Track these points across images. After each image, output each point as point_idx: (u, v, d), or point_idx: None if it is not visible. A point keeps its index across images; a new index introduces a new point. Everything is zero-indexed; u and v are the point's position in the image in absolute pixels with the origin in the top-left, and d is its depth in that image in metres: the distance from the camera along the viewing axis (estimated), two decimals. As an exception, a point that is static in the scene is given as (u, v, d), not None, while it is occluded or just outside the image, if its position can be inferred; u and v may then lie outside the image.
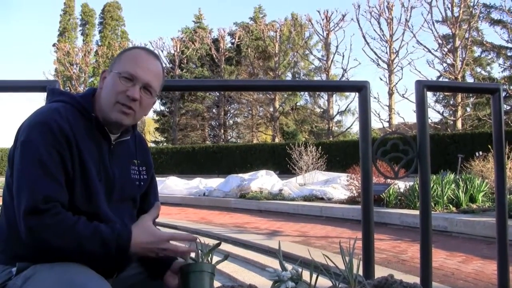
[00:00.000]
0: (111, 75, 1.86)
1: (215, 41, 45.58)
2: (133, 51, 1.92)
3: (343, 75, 36.18)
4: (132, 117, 1.89)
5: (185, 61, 46.01)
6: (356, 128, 41.63)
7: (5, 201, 1.84)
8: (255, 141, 43.92)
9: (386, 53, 34.90)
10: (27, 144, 1.71)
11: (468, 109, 34.23)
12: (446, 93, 32.73)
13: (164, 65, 2.00)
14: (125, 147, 1.97)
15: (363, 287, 1.82)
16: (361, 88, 2.68)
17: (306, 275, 1.74)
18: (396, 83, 34.43)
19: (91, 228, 1.72)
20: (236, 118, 49.44)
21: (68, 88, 45.72)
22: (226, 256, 1.96)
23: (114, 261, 1.76)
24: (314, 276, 1.74)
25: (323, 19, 37.83)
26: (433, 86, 3.20)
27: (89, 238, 1.70)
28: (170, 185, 18.08)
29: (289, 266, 1.77)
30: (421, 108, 2.72)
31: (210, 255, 1.90)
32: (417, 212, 8.46)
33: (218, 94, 45.01)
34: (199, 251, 1.88)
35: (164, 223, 10.16)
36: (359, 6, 35.34)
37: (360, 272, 1.88)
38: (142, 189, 2.04)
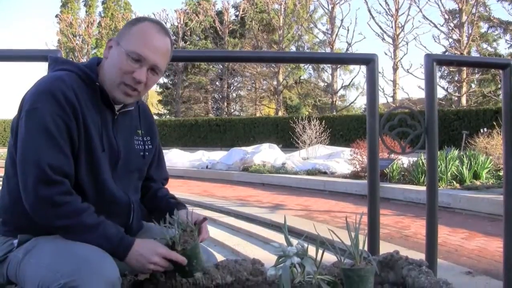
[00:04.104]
0: (118, 50, 1.79)
1: (219, 14, 45.20)
2: (143, 26, 1.82)
3: (347, 49, 35.86)
4: (136, 97, 1.88)
5: (189, 34, 45.71)
6: (359, 103, 41.53)
7: (7, 172, 1.81)
8: (258, 115, 43.82)
9: (392, 27, 34.53)
10: (32, 113, 1.67)
11: (473, 85, 34.00)
12: (451, 69, 32.52)
13: (172, 39, 1.94)
14: (129, 117, 1.94)
15: (369, 263, 1.79)
16: (369, 61, 2.63)
17: (310, 249, 1.71)
18: (401, 58, 34.13)
19: (97, 221, 1.72)
20: (239, 91, 49.29)
21: (71, 59, 45.48)
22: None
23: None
24: (320, 251, 1.71)
25: (328, -8, 37.44)
26: (443, 60, 3.14)
27: (92, 230, 1.70)
28: (172, 157, 18.08)
29: (294, 241, 1.74)
30: (430, 82, 2.67)
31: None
32: (420, 187, 8.46)
33: (221, 66, 44.81)
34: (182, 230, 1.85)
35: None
36: (365, -21, 34.88)
37: (365, 248, 1.85)
38: (148, 160, 2.02)
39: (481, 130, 13.80)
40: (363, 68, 2.65)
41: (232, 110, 48.79)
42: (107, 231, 1.72)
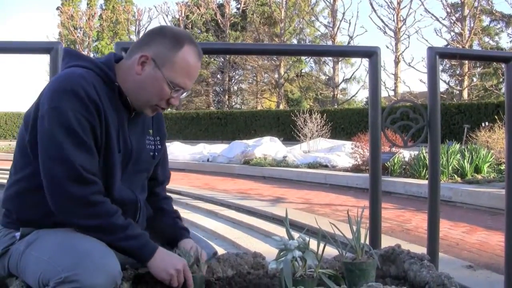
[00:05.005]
0: (155, 73, 1.76)
1: (220, 6, 45.06)
2: (186, 54, 1.78)
3: (349, 43, 35.72)
4: None
5: (190, 26, 45.57)
6: (361, 96, 41.46)
7: (16, 164, 1.81)
8: (259, 108, 43.75)
9: (393, 20, 34.37)
10: (55, 112, 1.63)
11: (475, 79, 33.91)
12: (453, 63, 32.43)
13: None
14: (142, 117, 1.92)
15: (370, 256, 1.79)
16: (372, 54, 2.62)
17: (311, 243, 1.70)
18: (403, 52, 34.04)
19: (126, 222, 1.74)
20: (240, 84, 49.19)
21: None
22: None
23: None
24: (321, 245, 1.71)
25: (330, -15, 37.28)
26: (446, 53, 3.13)
27: (122, 230, 1.71)
28: (173, 150, 18.07)
29: (295, 235, 1.74)
30: (433, 75, 2.66)
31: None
32: (421, 181, 8.46)
33: (222, 59, 44.73)
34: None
35: (168, 188, 10.13)
36: (367, -28, 34.73)
37: (367, 241, 1.85)
38: (157, 160, 2.02)
39: (483, 124, 13.79)
40: (365, 61, 2.65)
41: (233, 103, 48.72)
42: (135, 231, 1.75)
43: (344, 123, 26.01)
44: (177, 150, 18.16)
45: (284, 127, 26.42)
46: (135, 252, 1.73)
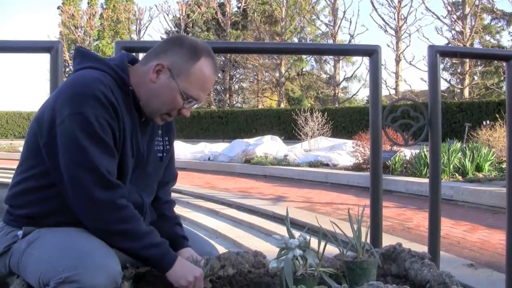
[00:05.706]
0: (170, 83, 1.76)
1: (221, 5, 45.03)
2: (202, 66, 1.78)
3: (350, 41, 35.71)
4: None
5: (191, 25, 45.56)
6: (362, 95, 41.43)
7: (23, 164, 1.80)
8: (260, 106, 43.73)
9: (394, 19, 34.34)
10: (78, 116, 1.62)
11: (476, 77, 33.87)
12: (454, 61, 32.38)
13: None
14: (151, 120, 1.90)
15: (371, 255, 1.79)
16: (373, 53, 2.61)
17: (312, 242, 1.70)
18: (404, 50, 34.00)
19: (149, 229, 1.76)
20: (241, 83, 49.17)
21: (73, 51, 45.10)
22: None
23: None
24: (322, 244, 1.70)
25: (331, -16, 37.23)
26: (446, 52, 3.13)
27: (145, 237, 1.72)
28: (175, 149, 17.98)
29: (296, 233, 1.73)
30: (433, 74, 2.65)
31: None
32: (423, 180, 8.45)
33: (223, 58, 44.70)
34: None
35: (169, 187, 10.14)
36: (367, -29, 34.64)
37: (368, 240, 1.85)
38: (165, 161, 2.01)
39: (484, 123, 13.79)
40: (365, 60, 2.64)
41: (234, 102, 48.73)
42: (158, 238, 1.76)
43: (345, 121, 26.01)
44: (178, 149, 18.10)
45: (285, 125, 26.43)
46: (155, 261, 1.73)
